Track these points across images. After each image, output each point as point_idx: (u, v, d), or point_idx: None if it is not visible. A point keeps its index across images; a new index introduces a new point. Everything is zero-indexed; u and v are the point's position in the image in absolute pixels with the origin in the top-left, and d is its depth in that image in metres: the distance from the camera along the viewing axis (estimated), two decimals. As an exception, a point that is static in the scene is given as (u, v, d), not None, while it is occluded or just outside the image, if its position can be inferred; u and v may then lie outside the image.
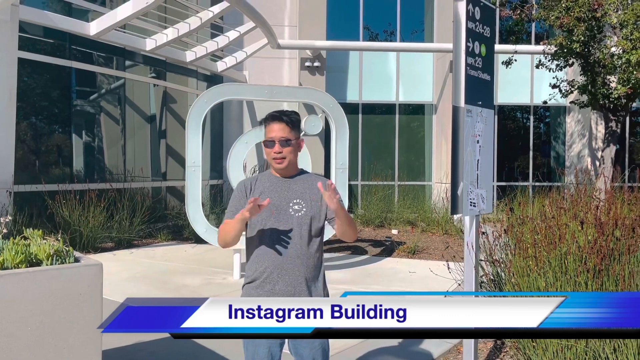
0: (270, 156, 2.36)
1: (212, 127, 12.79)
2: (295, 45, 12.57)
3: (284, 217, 2.32)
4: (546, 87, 11.86)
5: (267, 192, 2.36)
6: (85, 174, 9.75)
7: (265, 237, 2.33)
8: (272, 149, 2.34)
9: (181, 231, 9.74)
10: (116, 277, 6.52)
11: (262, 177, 2.45)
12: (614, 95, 9.14)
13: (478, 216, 3.24)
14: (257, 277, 2.33)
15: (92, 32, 8.73)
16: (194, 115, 6.49)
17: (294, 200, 2.34)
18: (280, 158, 2.33)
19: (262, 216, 2.32)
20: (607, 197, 3.90)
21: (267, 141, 2.36)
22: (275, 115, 2.37)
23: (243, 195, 2.41)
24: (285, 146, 2.33)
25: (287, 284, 2.30)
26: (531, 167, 14.50)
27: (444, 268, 4.82)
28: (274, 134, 2.34)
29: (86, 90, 10.32)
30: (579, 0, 8.69)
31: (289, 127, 2.36)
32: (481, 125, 3.21)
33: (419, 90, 14.42)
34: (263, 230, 2.33)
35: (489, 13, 3.27)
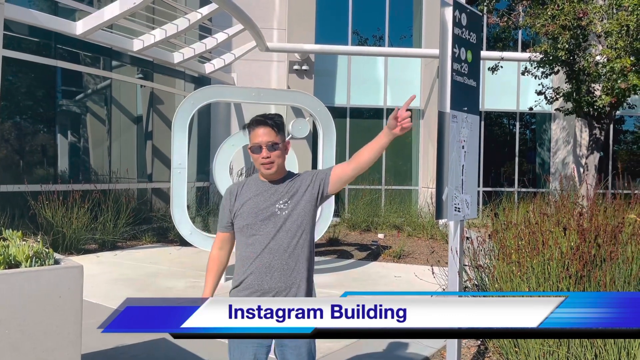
0: (258, 162, 2.31)
1: (199, 129, 12.73)
2: (283, 49, 12.56)
3: (271, 217, 2.30)
4: (532, 93, 12.00)
5: (254, 197, 2.34)
6: (69, 174, 9.64)
7: (252, 240, 2.30)
8: (260, 154, 2.29)
9: (166, 233, 9.67)
10: (99, 279, 6.45)
11: (249, 182, 2.42)
12: (598, 103, 9.26)
13: (462, 221, 3.25)
14: (243, 280, 2.31)
15: (79, 32, 8.64)
16: (180, 117, 6.45)
17: (281, 201, 2.31)
18: (269, 163, 2.30)
19: (248, 220, 2.31)
20: (589, 204, 3.94)
21: (254, 147, 2.31)
22: (260, 120, 2.33)
23: (228, 204, 2.39)
24: (273, 150, 2.30)
25: (277, 280, 2.26)
26: (517, 173, 14.62)
27: (428, 273, 4.83)
28: (259, 138, 2.30)
29: (72, 90, 10.21)
30: (564, 9, 8.79)
31: (275, 130, 2.32)
32: (466, 131, 3.22)
33: (406, 95, 14.46)
34: (250, 233, 2.31)
35: (476, 19, 3.30)
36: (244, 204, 2.34)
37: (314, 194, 2.33)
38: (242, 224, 2.32)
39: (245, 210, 2.32)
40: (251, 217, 2.30)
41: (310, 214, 2.33)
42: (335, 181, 2.34)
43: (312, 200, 2.33)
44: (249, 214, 2.31)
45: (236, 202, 2.36)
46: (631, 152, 15.37)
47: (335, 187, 2.35)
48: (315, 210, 2.37)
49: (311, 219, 2.35)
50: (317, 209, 2.39)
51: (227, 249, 2.45)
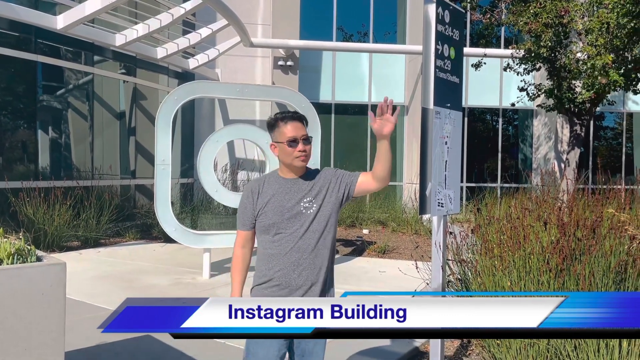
0: (293, 155, 2.33)
1: (183, 125, 12.65)
2: (268, 44, 12.52)
3: (297, 215, 2.32)
4: (515, 90, 12.12)
5: (278, 194, 2.36)
6: (50, 171, 9.52)
7: (278, 238, 2.33)
8: (296, 147, 2.32)
9: (150, 230, 9.60)
10: (81, 276, 6.39)
11: (269, 179, 2.43)
12: (578, 99, 9.40)
13: (446, 216, 3.29)
14: (271, 277, 2.33)
15: (59, 26, 8.52)
16: (164, 113, 6.41)
17: (305, 199, 2.34)
18: (305, 156, 2.34)
19: (274, 219, 2.33)
20: (569, 199, 4.01)
21: (290, 141, 2.33)
22: (293, 115, 2.39)
23: (250, 202, 2.40)
24: (308, 144, 2.35)
25: (305, 278, 2.32)
26: (500, 168, 14.79)
27: (413, 267, 4.88)
28: (295, 132, 2.33)
29: (53, 85, 10.06)
30: (546, 7, 8.89)
31: (305, 126, 2.39)
32: (449, 127, 3.26)
33: (391, 91, 14.53)
34: (275, 231, 2.33)
35: (459, 16, 3.32)
36: (267, 202, 2.35)
37: (339, 197, 2.39)
38: (268, 223, 2.34)
39: (269, 209, 2.34)
40: (277, 216, 2.32)
41: (335, 215, 2.40)
42: (361, 189, 2.40)
43: (337, 202, 2.39)
44: (274, 212, 2.33)
45: (259, 200, 2.38)
46: (611, 147, 15.63)
47: (359, 194, 2.43)
48: (339, 211, 2.43)
49: (335, 220, 2.41)
50: (340, 209, 2.44)
51: (249, 246, 2.47)
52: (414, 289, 5.08)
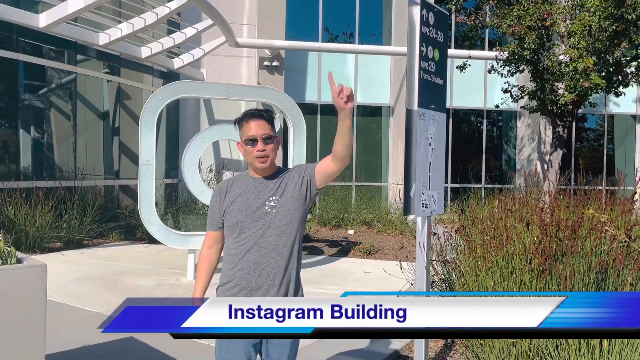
0: (253, 155, 2.27)
1: (168, 125, 12.56)
2: (254, 44, 12.49)
3: (261, 215, 2.27)
4: (499, 91, 12.24)
5: (245, 194, 2.31)
6: (32, 171, 9.38)
7: (242, 238, 2.28)
8: (255, 147, 2.25)
9: (134, 231, 9.52)
10: (64, 278, 6.31)
11: (239, 179, 2.38)
12: (561, 101, 9.52)
13: (430, 217, 3.31)
14: (232, 278, 2.28)
15: (42, 25, 8.41)
16: (148, 112, 6.36)
17: (270, 198, 2.28)
18: (264, 156, 2.26)
19: (238, 218, 2.28)
20: (550, 200, 4.06)
21: (248, 140, 2.27)
22: (254, 113, 2.30)
23: (218, 202, 2.35)
24: (268, 143, 2.27)
25: (264, 278, 2.25)
26: (484, 169, 14.92)
27: (397, 268, 4.90)
28: (254, 131, 2.25)
29: (35, 84, 9.92)
30: (529, 9, 8.99)
31: (269, 124, 2.30)
32: (434, 128, 3.28)
33: (376, 92, 14.60)
34: (239, 230, 2.28)
35: (443, 19, 3.35)
36: (233, 201, 2.31)
37: (302, 192, 2.30)
38: (232, 222, 2.29)
39: (235, 208, 2.29)
40: (241, 215, 2.27)
41: (298, 211, 2.30)
42: (322, 175, 2.30)
43: (301, 197, 2.30)
44: (239, 211, 2.28)
45: (226, 199, 2.33)
46: (593, 149, 15.87)
47: (323, 181, 2.32)
48: (305, 207, 2.34)
49: (300, 217, 2.32)
50: (307, 206, 2.35)
51: (217, 247, 2.41)
52: (398, 289, 5.10)
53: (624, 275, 3.31)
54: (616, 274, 3.33)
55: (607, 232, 3.37)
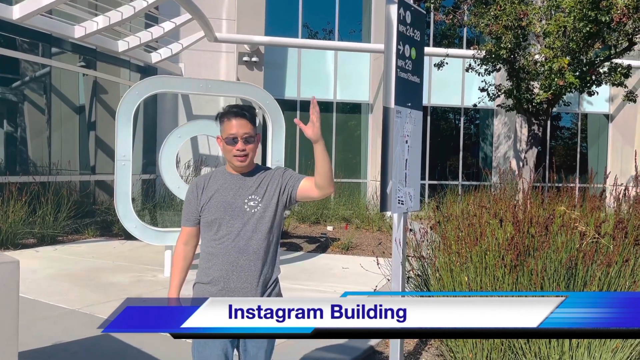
0: (232, 153, 2.25)
1: (145, 120, 12.41)
2: (232, 40, 12.41)
3: (240, 213, 2.25)
4: (476, 90, 12.39)
5: (222, 190, 2.29)
6: (5, 166, 9.20)
7: (220, 236, 2.26)
8: (235, 146, 2.24)
9: (110, 227, 9.41)
10: (37, 274, 6.21)
11: (216, 174, 2.36)
12: (536, 100, 9.69)
13: (406, 214, 3.35)
14: (212, 278, 2.27)
15: (15, 17, 8.23)
16: (125, 107, 6.28)
17: (250, 197, 2.27)
18: (243, 156, 2.25)
19: (216, 214, 2.26)
20: (523, 197, 4.15)
21: (229, 138, 2.25)
22: (236, 111, 2.27)
23: (195, 197, 2.33)
24: (249, 143, 2.26)
25: (243, 280, 2.24)
26: (461, 166, 15.10)
27: (375, 264, 4.94)
28: (235, 130, 2.24)
29: (8, 77, 9.72)
30: (506, 9, 9.13)
31: (251, 123, 2.28)
32: (410, 126, 3.32)
33: (356, 89, 14.65)
34: (218, 228, 2.27)
35: (420, 17, 3.39)
36: (211, 197, 2.28)
37: (282, 200, 2.31)
38: (211, 218, 2.27)
39: (213, 204, 2.27)
40: (220, 212, 2.26)
41: (279, 217, 2.32)
42: (303, 195, 2.31)
43: (282, 204, 2.32)
44: (217, 207, 2.26)
45: (203, 195, 2.31)
46: (567, 147, 16.19)
47: (302, 199, 2.34)
48: (282, 211, 2.35)
49: (279, 222, 2.34)
50: (284, 210, 2.37)
51: (192, 244, 2.39)
52: (375, 284, 5.15)
53: (593, 271, 3.40)
54: (585, 269, 3.42)
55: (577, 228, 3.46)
